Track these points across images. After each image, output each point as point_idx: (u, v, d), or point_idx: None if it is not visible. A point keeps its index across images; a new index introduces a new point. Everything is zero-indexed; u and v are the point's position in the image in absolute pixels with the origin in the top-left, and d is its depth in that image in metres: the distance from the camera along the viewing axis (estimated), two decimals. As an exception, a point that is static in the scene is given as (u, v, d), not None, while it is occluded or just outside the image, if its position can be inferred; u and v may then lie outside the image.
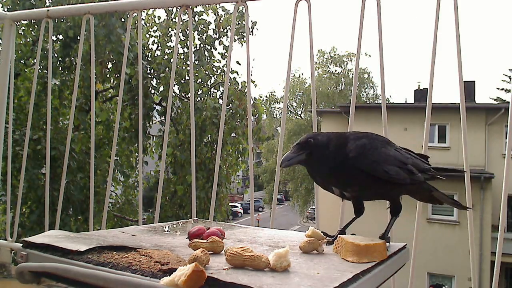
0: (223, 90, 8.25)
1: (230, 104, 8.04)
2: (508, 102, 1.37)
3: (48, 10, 2.11)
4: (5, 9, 7.10)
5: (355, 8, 1.60)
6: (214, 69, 8.79)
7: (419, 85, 19.99)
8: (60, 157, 6.37)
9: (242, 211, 29.73)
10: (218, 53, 8.81)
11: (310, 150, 0.99)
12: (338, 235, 0.94)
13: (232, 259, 0.74)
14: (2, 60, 2.19)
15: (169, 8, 7.82)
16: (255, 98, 9.74)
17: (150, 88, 7.92)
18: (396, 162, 0.98)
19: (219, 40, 8.63)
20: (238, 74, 8.52)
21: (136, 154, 8.49)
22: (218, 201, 8.12)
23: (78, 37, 6.73)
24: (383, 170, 0.95)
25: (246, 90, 7.65)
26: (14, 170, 5.11)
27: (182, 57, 8.31)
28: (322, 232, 0.99)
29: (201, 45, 8.57)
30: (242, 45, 8.48)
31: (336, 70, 33.02)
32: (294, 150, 1.00)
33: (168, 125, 1.98)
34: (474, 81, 18.27)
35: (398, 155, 1.01)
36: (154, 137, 9.22)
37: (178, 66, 8.03)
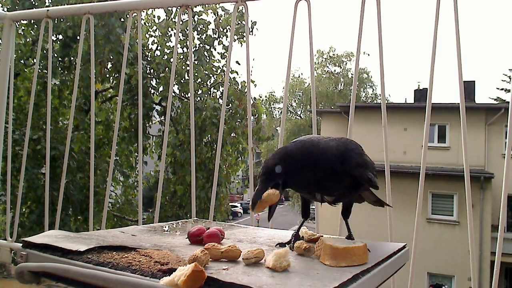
0: (223, 90, 8.25)
1: (230, 104, 8.05)
2: (508, 102, 1.37)
3: (48, 10, 2.10)
4: (5, 9, 7.11)
5: (354, 7, 1.60)
6: (214, 69, 8.80)
7: (419, 85, 19.98)
8: (60, 157, 6.37)
9: (242, 211, 29.69)
10: (218, 53, 8.83)
11: (282, 178, 0.87)
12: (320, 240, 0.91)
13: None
14: (2, 60, 2.18)
15: (169, 8, 7.83)
16: (255, 98, 9.77)
17: (150, 88, 7.92)
18: (371, 168, 0.98)
19: (218, 40, 8.64)
20: (238, 74, 8.54)
21: (136, 154, 8.50)
22: (218, 201, 8.12)
23: (78, 37, 6.74)
24: (367, 177, 0.93)
25: (246, 90, 7.65)
26: (14, 170, 5.11)
27: (181, 57, 8.31)
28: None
29: (201, 45, 8.58)
30: (242, 45, 8.48)
31: (335, 70, 33.07)
32: (262, 186, 0.86)
33: (168, 125, 1.98)
34: (474, 81, 18.25)
35: (372, 162, 1.00)
36: (154, 137, 9.23)
37: (177, 66, 8.02)
